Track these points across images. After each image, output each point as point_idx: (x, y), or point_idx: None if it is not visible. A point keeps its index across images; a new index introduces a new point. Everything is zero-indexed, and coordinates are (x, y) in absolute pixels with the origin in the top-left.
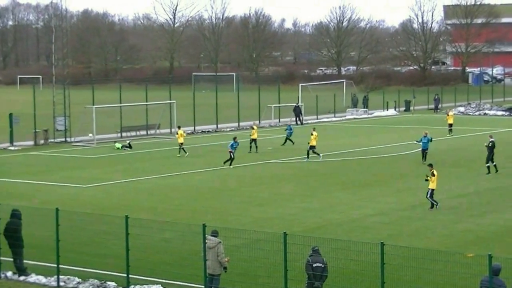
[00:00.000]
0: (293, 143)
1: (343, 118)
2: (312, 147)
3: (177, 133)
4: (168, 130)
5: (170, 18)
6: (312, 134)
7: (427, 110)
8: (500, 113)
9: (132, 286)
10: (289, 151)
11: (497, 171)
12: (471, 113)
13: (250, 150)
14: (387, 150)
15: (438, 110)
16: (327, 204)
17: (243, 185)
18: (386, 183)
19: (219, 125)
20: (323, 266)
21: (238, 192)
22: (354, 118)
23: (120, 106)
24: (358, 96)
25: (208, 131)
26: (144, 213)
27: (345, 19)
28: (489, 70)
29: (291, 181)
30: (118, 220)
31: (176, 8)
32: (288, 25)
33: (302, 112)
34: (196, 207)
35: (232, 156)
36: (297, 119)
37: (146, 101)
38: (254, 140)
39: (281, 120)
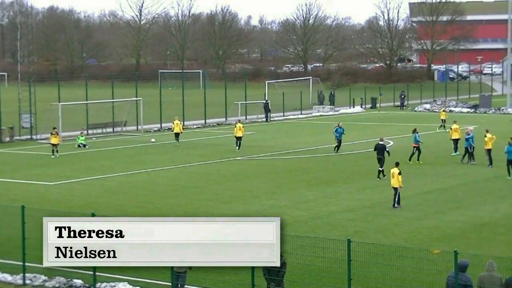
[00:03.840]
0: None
1: (310, 115)
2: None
3: (173, 123)
4: (135, 127)
5: (136, 15)
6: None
7: (393, 107)
8: (465, 110)
9: (99, 283)
10: (256, 148)
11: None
12: (436, 110)
13: (239, 147)
14: (353, 147)
15: (404, 107)
16: (293, 201)
17: (210, 182)
18: (353, 180)
19: (185, 122)
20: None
21: (205, 189)
22: (321, 115)
23: (86, 103)
24: (325, 93)
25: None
26: (110, 210)
27: (311, 17)
28: (454, 67)
29: (257, 178)
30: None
31: (142, 5)
32: (255, 22)
33: (270, 109)
34: (163, 205)
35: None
36: (266, 116)
37: (113, 98)
38: (239, 137)
39: (247, 117)
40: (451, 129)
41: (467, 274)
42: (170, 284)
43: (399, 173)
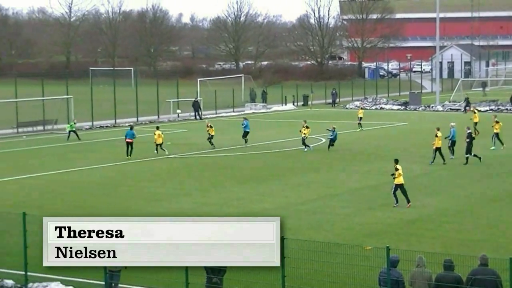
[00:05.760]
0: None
1: (242, 112)
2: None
3: (155, 134)
4: (66, 125)
5: (66, 12)
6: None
7: (325, 105)
8: (396, 107)
9: (31, 283)
10: (187, 146)
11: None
12: (367, 108)
13: (213, 146)
14: (285, 145)
15: (335, 105)
16: (225, 198)
17: (141, 180)
18: (284, 177)
19: (117, 120)
20: None
21: (137, 188)
22: (253, 112)
23: (16, 101)
24: (257, 91)
25: (107, 126)
26: (41, 210)
27: (242, 14)
28: (384, 65)
29: (189, 176)
30: (15, 217)
31: (72, 2)
32: (186, 19)
33: (201, 107)
34: (95, 203)
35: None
36: (196, 114)
37: (43, 96)
38: (212, 136)
39: (180, 115)
40: (436, 136)
41: (399, 270)
42: (104, 283)
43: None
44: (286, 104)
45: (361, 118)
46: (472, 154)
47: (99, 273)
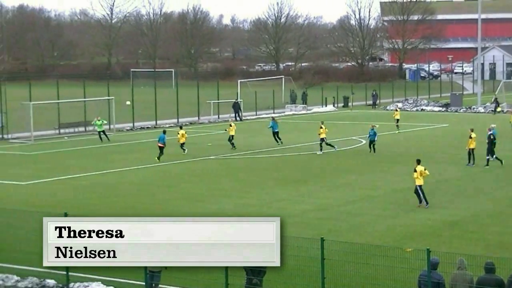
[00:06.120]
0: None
1: (282, 114)
2: (322, 140)
3: (178, 133)
4: (107, 127)
5: (108, 14)
6: (321, 128)
7: (365, 106)
8: (437, 108)
9: (72, 283)
10: (228, 148)
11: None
12: (408, 109)
13: (233, 146)
14: (325, 146)
15: (376, 106)
16: (265, 200)
17: (181, 181)
18: (325, 178)
19: (158, 121)
20: None
21: (177, 189)
22: (293, 114)
23: (58, 102)
24: (297, 92)
25: (147, 127)
26: (82, 210)
27: (283, 15)
28: (425, 66)
29: (229, 177)
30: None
31: (113, 3)
32: (226, 21)
33: (242, 108)
34: (135, 204)
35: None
36: (236, 115)
37: (84, 97)
38: (232, 136)
39: (220, 116)
40: (470, 138)
41: (439, 272)
42: (144, 283)
43: (414, 170)
44: (326, 106)
45: (398, 120)
46: (494, 156)
47: (139, 273)
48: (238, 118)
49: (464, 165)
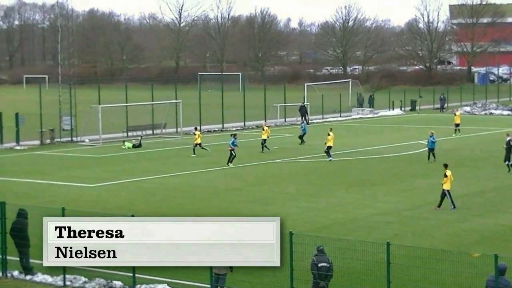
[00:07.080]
0: (302, 142)
1: (349, 117)
2: (329, 148)
3: (195, 134)
4: (174, 130)
5: (176, 18)
6: (329, 135)
7: (433, 110)
8: (506, 112)
9: (138, 285)
10: (295, 151)
11: (509, 171)
12: (477, 113)
13: (263, 150)
14: (392, 150)
15: (444, 110)
16: (331, 203)
17: (247, 185)
18: (391, 182)
19: (225, 125)
20: (328, 265)
21: (243, 192)
22: (360, 117)
23: (126, 105)
24: (364, 96)
25: (214, 130)
26: (147, 212)
27: (350, 19)
28: (495, 70)
29: (295, 181)
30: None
31: (182, 7)
32: (294, 24)
33: (308, 111)
34: (200, 207)
35: (233, 154)
36: (303, 118)
37: (152, 101)
38: (264, 140)
39: (287, 119)
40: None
41: (506, 278)
42: (209, 286)
43: (445, 175)
44: (393, 109)
45: (457, 124)
46: (506, 163)
47: (205, 275)
48: (304, 122)
49: None
